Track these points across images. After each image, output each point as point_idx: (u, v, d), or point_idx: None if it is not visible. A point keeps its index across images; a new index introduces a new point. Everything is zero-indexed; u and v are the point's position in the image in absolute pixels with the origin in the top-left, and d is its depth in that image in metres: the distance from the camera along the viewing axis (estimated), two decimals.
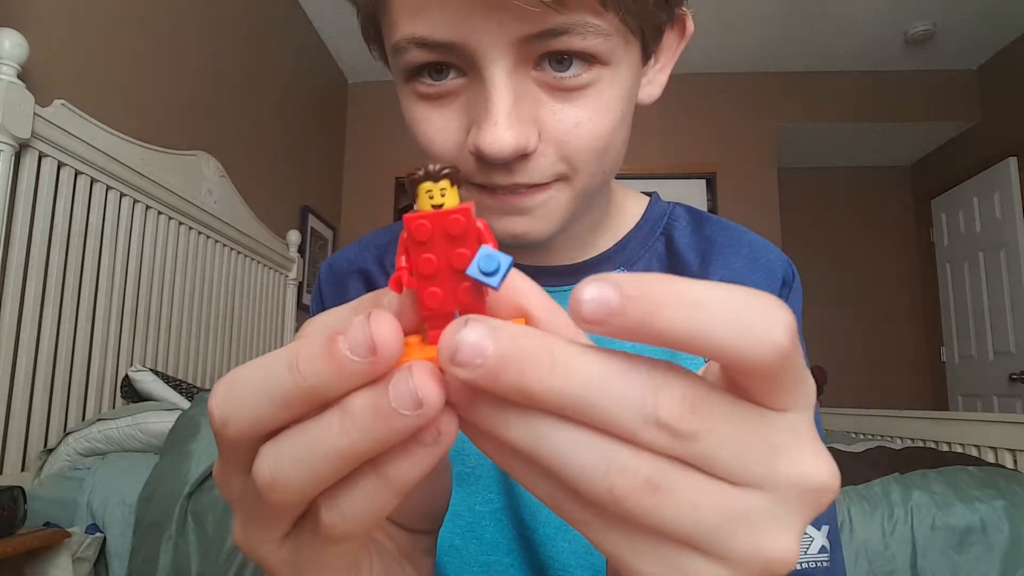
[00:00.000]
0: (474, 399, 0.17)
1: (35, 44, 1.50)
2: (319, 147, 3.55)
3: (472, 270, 0.17)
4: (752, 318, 0.15)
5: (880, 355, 4.31)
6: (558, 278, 0.49)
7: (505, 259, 0.17)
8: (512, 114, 0.36)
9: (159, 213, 2.06)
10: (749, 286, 0.46)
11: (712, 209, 3.78)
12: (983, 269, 3.72)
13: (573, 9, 0.34)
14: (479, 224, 0.18)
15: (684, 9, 0.44)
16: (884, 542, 1.30)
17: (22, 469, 1.52)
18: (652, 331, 0.15)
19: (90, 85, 1.80)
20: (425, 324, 0.19)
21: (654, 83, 0.45)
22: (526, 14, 0.33)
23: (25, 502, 1.18)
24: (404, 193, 3.98)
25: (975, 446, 2.08)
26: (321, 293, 0.58)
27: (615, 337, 0.15)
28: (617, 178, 0.49)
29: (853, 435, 2.58)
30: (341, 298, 0.56)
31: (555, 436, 0.16)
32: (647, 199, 0.54)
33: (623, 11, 0.36)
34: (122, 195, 1.88)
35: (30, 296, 1.53)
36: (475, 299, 0.18)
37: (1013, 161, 3.44)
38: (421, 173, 0.18)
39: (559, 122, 0.37)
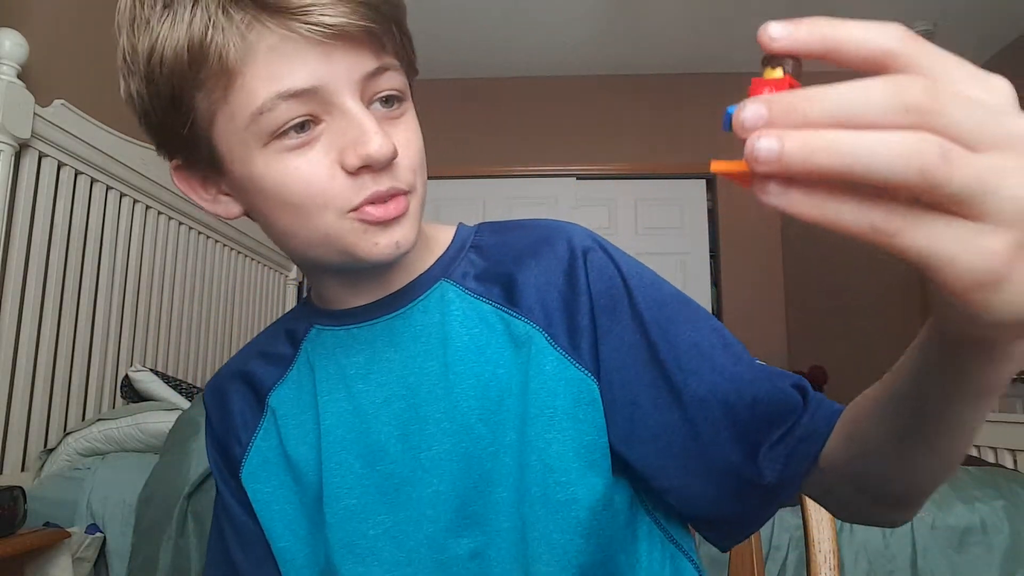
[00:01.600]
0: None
1: (35, 44, 1.50)
2: None
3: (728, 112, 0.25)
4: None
5: (880, 355, 4.30)
6: (392, 305, 0.55)
7: (729, 110, 0.24)
8: (381, 126, 0.44)
9: (159, 213, 2.06)
10: (549, 273, 0.51)
11: (712, 209, 3.78)
12: None
13: (387, 53, 0.46)
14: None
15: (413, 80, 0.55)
16: (884, 542, 1.30)
17: (22, 469, 1.52)
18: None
19: (90, 85, 1.80)
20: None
21: None
22: (363, 56, 0.44)
23: (25, 502, 1.18)
24: None
25: (975, 446, 2.08)
26: (208, 414, 0.62)
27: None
28: (619, 178, 0.52)
29: None
30: (223, 403, 0.60)
31: (864, 147, 0.20)
32: (454, 227, 0.61)
33: (398, 51, 0.48)
34: (122, 195, 1.88)
35: (30, 296, 1.53)
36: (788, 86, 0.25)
37: None
38: (767, 59, 0.27)
39: (397, 141, 0.46)
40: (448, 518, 0.50)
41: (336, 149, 0.44)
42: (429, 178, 0.52)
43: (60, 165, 1.62)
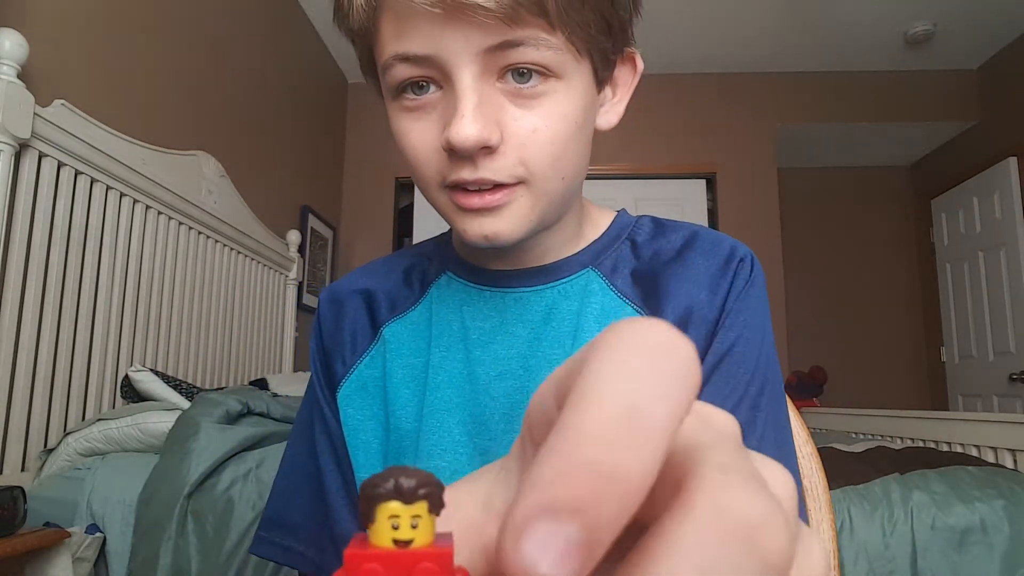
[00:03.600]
0: None
1: (35, 44, 1.50)
2: (319, 147, 3.55)
3: None
4: None
5: (880, 355, 4.31)
6: (533, 279, 0.53)
7: None
8: (477, 111, 0.42)
9: (159, 213, 2.06)
10: (702, 272, 0.46)
11: (712, 209, 3.78)
12: (983, 269, 3.71)
13: (526, 25, 0.41)
14: None
15: (633, 48, 0.51)
16: (884, 542, 1.30)
17: (22, 469, 1.52)
18: None
19: (90, 85, 1.80)
20: None
21: (612, 112, 0.52)
22: (487, 28, 0.41)
23: (25, 502, 1.18)
24: (404, 193, 3.98)
25: (975, 446, 2.07)
26: (320, 319, 0.60)
27: None
28: (619, 178, 0.51)
29: (853, 435, 2.58)
30: (338, 317, 0.59)
31: None
32: (615, 213, 0.59)
33: (569, 32, 0.42)
34: (122, 195, 1.88)
35: (30, 296, 1.53)
36: None
37: (1013, 161, 3.44)
38: (389, 487, 0.13)
39: (519, 127, 0.43)
40: None
41: (444, 122, 0.44)
42: None
43: (60, 165, 1.62)
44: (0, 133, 1.40)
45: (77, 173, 1.69)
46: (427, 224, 3.64)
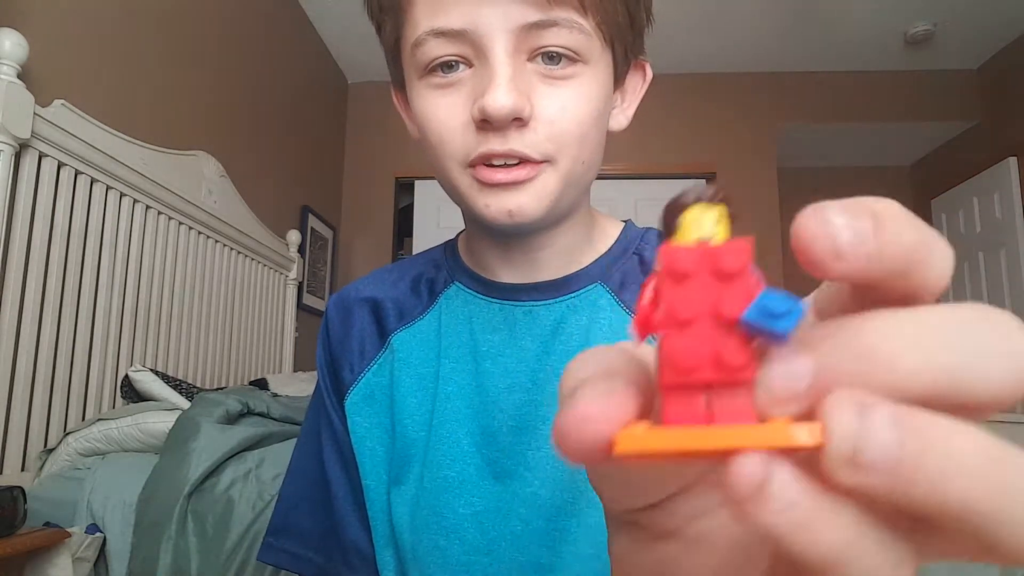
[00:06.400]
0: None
1: (35, 44, 1.50)
2: (319, 147, 3.55)
3: (752, 314, 0.13)
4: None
5: None
6: (542, 293, 0.53)
7: (799, 303, 0.13)
8: (511, 82, 0.43)
9: (159, 213, 2.06)
10: None
11: None
12: (983, 269, 3.72)
13: (562, 6, 0.43)
14: (757, 272, 0.14)
15: (644, 58, 0.54)
16: None
17: (22, 469, 1.52)
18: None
19: (90, 85, 1.80)
20: (661, 392, 0.14)
21: (621, 116, 0.54)
22: (525, 5, 0.42)
23: (25, 502, 1.18)
24: (404, 193, 3.97)
25: None
26: (327, 326, 0.60)
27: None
28: (619, 179, 0.51)
29: None
30: (346, 324, 0.59)
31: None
32: (623, 224, 0.59)
33: (599, 17, 0.45)
34: (122, 195, 1.88)
35: (30, 296, 1.53)
36: (742, 362, 0.14)
37: (1013, 161, 3.44)
38: (692, 196, 0.15)
39: (548, 104, 0.44)
40: (538, 524, 0.49)
41: (475, 96, 0.44)
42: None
43: (60, 165, 1.62)
44: (0, 133, 1.40)
45: (77, 173, 1.69)
46: (427, 224, 3.63)
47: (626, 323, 0.51)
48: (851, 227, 0.14)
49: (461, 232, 0.60)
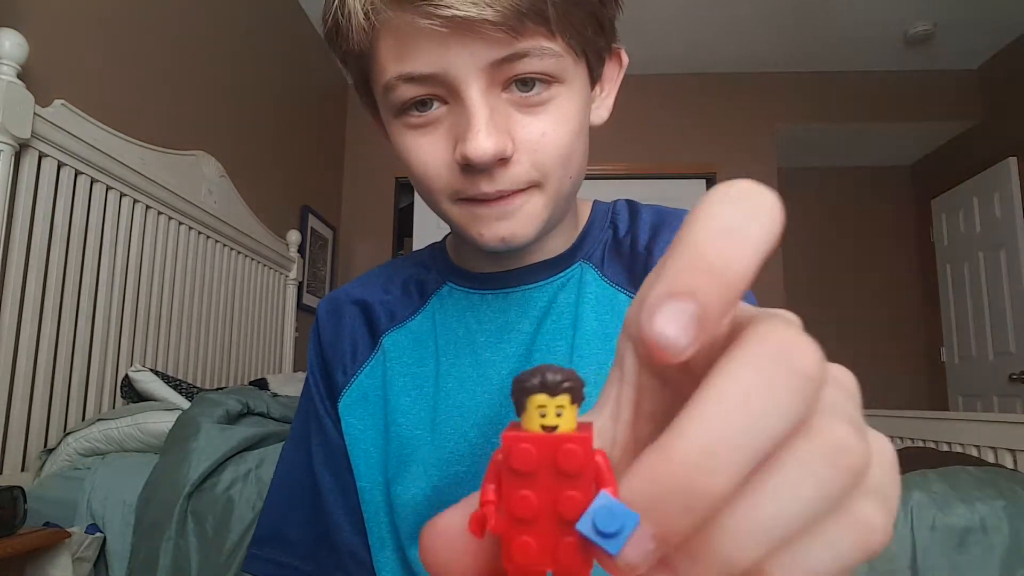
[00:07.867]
0: None
1: (35, 44, 1.50)
2: (319, 147, 3.55)
3: (584, 525, 0.14)
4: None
5: (880, 355, 4.30)
6: (534, 275, 0.55)
7: (631, 518, 0.13)
8: (490, 124, 0.42)
9: (159, 213, 2.06)
10: None
11: None
12: (983, 269, 3.71)
13: (529, 36, 0.41)
14: (599, 458, 0.15)
15: (618, 44, 0.53)
16: None
17: (22, 469, 1.52)
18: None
19: (90, 85, 1.80)
20: None
21: (602, 107, 0.53)
22: (492, 42, 0.41)
23: (25, 502, 1.18)
24: (404, 193, 3.98)
25: (975, 446, 2.07)
26: (319, 329, 0.61)
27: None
28: (619, 179, 0.51)
29: None
30: (337, 326, 0.59)
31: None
32: (591, 202, 0.61)
33: (568, 36, 0.43)
34: (122, 195, 1.88)
35: (30, 296, 1.53)
36: (579, 562, 0.14)
37: (1013, 161, 3.44)
38: (536, 381, 0.15)
39: (529, 133, 0.44)
40: None
41: (454, 136, 0.44)
42: None
43: (60, 165, 1.62)
44: (0, 133, 1.40)
45: (77, 173, 1.69)
46: (427, 224, 3.63)
47: (610, 296, 0.54)
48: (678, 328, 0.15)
49: (448, 235, 0.60)
